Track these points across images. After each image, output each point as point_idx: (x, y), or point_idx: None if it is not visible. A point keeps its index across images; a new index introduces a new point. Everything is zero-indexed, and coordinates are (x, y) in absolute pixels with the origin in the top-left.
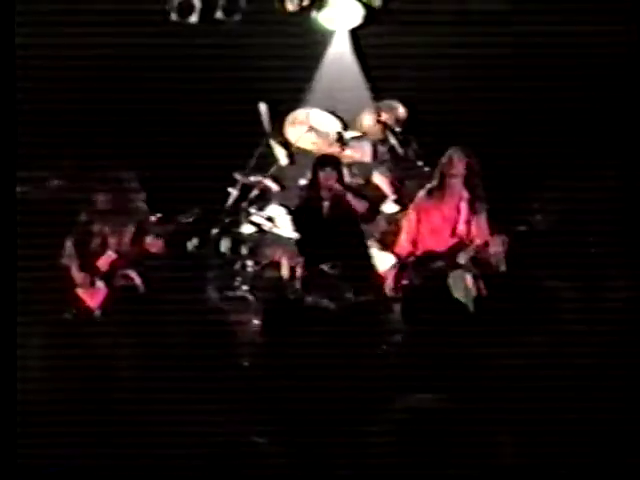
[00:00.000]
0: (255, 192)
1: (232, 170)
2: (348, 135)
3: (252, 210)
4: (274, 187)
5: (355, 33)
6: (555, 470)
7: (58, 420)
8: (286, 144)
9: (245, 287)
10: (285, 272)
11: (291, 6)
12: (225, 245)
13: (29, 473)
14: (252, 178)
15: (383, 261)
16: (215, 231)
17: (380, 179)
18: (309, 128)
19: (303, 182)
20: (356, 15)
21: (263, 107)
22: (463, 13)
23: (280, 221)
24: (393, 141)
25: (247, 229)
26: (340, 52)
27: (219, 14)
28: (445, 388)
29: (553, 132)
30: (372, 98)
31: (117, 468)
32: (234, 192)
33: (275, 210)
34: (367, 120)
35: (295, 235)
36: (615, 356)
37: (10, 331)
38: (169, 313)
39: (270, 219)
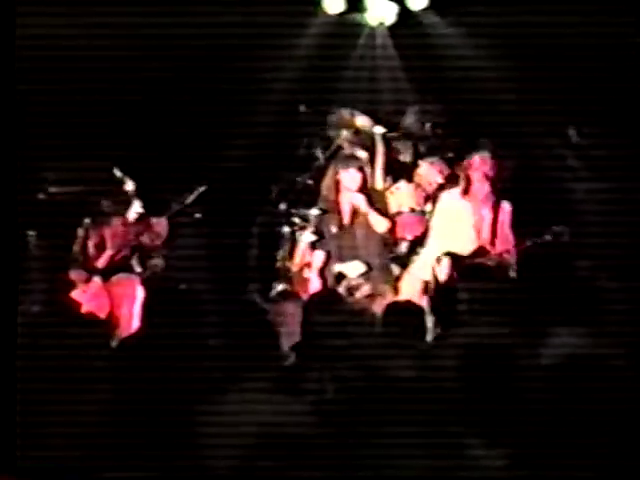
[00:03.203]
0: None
1: (273, 171)
2: (389, 135)
3: (292, 210)
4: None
5: (395, 32)
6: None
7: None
8: (327, 145)
9: (285, 286)
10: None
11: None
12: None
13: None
14: (293, 179)
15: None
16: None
17: (421, 178)
18: (350, 128)
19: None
20: (395, 15)
21: (303, 109)
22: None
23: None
24: (434, 141)
25: (287, 229)
26: (381, 52)
27: None
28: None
29: (595, 130)
30: (413, 98)
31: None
32: (274, 193)
33: (315, 212)
34: (408, 120)
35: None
36: None
37: (10, 331)
38: (209, 312)
39: (308, 220)
